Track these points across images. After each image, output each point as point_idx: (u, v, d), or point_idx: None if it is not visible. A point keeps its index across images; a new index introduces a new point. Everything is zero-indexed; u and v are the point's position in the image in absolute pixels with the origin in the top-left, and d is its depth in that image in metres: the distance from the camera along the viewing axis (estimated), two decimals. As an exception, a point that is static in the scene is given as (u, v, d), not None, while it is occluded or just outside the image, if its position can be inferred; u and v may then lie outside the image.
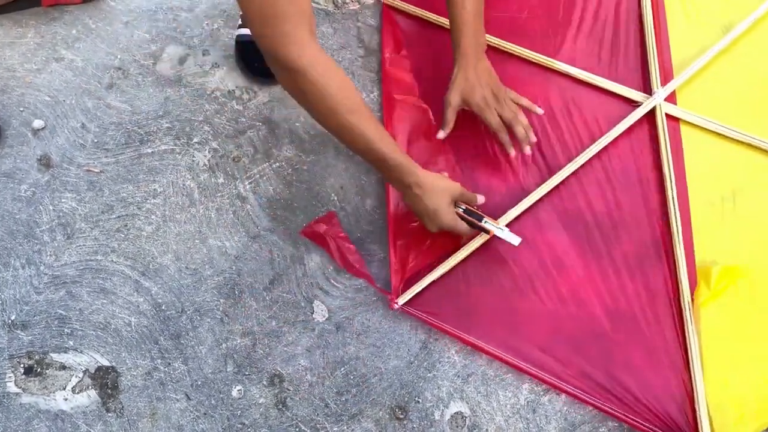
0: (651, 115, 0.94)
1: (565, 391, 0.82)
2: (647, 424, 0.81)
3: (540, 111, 0.91)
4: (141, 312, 0.88)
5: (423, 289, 0.86)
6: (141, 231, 0.92)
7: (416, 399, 0.83)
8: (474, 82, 0.86)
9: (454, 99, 0.88)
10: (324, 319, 0.87)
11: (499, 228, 0.84)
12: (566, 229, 0.89)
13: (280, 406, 0.83)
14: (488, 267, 0.88)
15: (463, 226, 0.82)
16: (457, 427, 0.82)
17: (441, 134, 0.91)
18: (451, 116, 0.89)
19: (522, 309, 0.86)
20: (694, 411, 0.81)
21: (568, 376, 0.82)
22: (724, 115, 0.93)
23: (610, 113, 0.95)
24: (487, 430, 0.82)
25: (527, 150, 0.89)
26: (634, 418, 0.81)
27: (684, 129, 0.93)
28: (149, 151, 0.96)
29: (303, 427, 0.83)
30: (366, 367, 0.85)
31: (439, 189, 0.80)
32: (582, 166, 0.91)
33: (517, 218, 0.89)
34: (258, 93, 1.01)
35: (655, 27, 0.99)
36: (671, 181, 0.89)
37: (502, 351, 0.84)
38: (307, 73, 0.68)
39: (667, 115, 0.93)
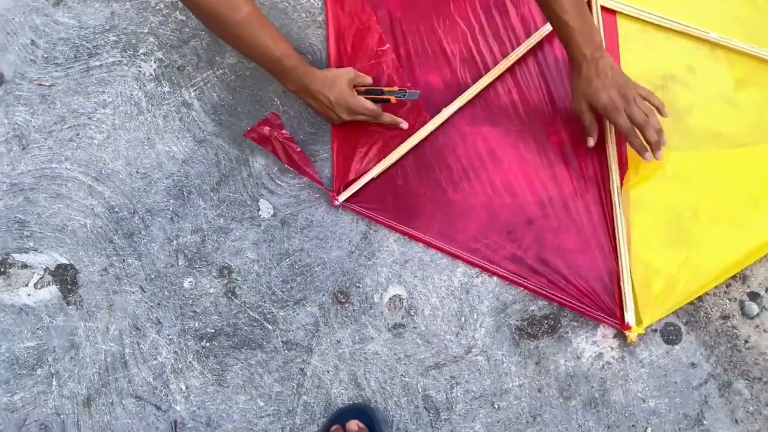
0: (588, 9, 0.95)
1: (497, 274, 0.87)
2: (575, 302, 0.85)
3: (666, 114, 0.82)
4: (95, 214, 0.92)
5: (363, 186, 0.90)
6: (92, 139, 0.95)
7: (357, 284, 0.88)
8: (596, 84, 0.79)
9: (580, 107, 0.83)
10: (270, 215, 0.91)
11: (397, 93, 0.88)
12: (501, 123, 0.91)
13: (230, 295, 0.89)
14: (425, 163, 0.91)
15: (369, 104, 0.86)
16: (395, 308, 0.87)
17: (590, 142, 0.85)
18: (589, 121, 0.84)
19: (457, 201, 0.89)
20: (620, 289, 0.85)
21: (500, 260, 0.87)
22: (658, 7, 0.94)
23: (548, 10, 0.96)
24: (422, 310, 0.87)
25: (659, 156, 0.80)
26: (563, 296, 0.85)
27: (620, 21, 0.94)
28: (98, 63, 0.98)
29: (251, 313, 0.88)
30: (310, 258, 0.89)
31: (334, 78, 0.84)
32: (517, 61, 0.92)
33: (453, 114, 0.91)
34: (203, 4, 1.02)
35: None
36: (604, 72, 0.90)
37: (438, 240, 0.88)
38: None
39: (602, 7, 0.93)
